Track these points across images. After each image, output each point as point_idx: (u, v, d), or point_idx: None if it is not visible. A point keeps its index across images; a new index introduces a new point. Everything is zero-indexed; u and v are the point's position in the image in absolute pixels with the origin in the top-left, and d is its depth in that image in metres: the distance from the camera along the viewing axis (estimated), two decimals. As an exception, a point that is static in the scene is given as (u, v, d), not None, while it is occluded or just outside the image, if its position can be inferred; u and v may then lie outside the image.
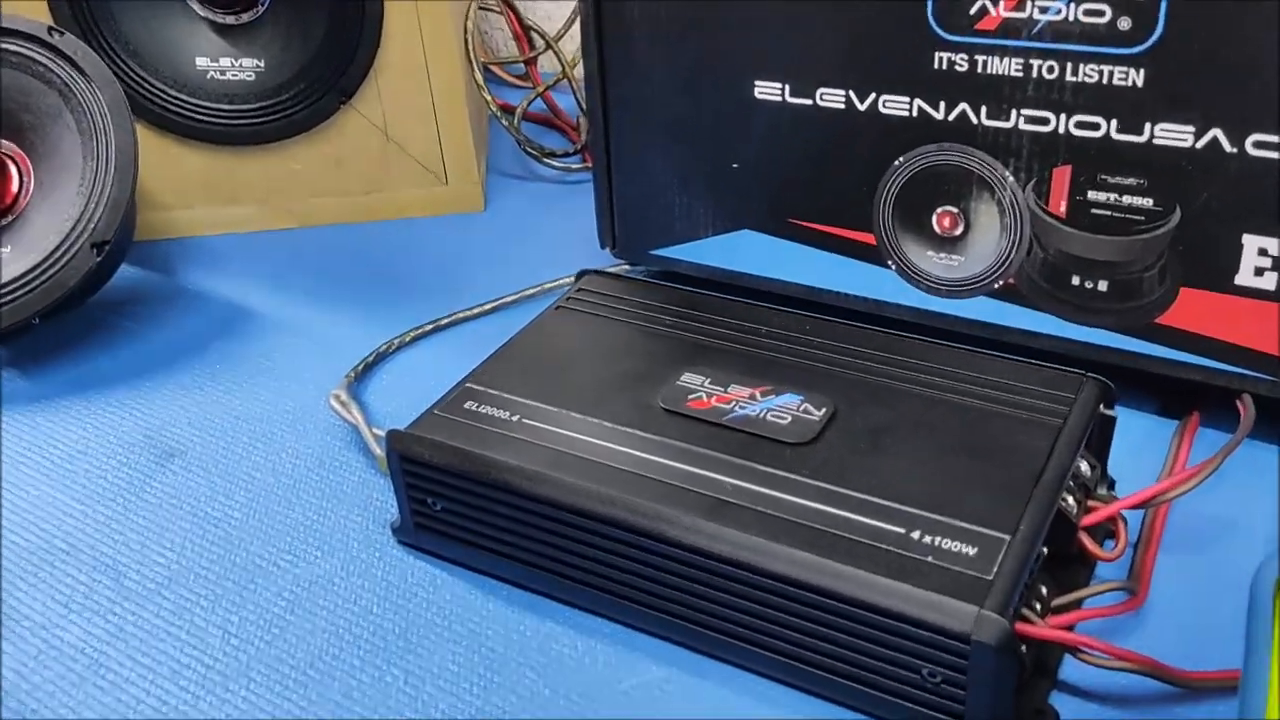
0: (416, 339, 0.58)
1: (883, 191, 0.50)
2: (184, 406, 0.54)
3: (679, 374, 0.44)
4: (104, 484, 0.49)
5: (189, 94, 0.65)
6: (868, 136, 0.50)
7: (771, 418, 0.42)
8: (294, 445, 0.51)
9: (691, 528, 0.37)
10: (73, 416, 0.54)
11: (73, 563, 0.45)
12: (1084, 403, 0.41)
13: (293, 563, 0.44)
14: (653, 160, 0.56)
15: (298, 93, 0.65)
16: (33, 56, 0.58)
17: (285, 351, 0.58)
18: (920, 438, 0.40)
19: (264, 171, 0.68)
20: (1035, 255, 0.48)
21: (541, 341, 0.48)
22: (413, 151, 0.68)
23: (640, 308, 0.49)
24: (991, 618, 0.33)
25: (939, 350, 0.45)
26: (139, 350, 0.59)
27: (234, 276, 0.65)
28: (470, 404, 0.44)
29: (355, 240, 0.68)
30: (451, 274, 0.64)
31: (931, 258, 0.50)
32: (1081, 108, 0.44)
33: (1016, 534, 0.36)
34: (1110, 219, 0.46)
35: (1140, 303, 0.46)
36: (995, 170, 0.47)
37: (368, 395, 0.54)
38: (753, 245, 0.55)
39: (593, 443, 0.41)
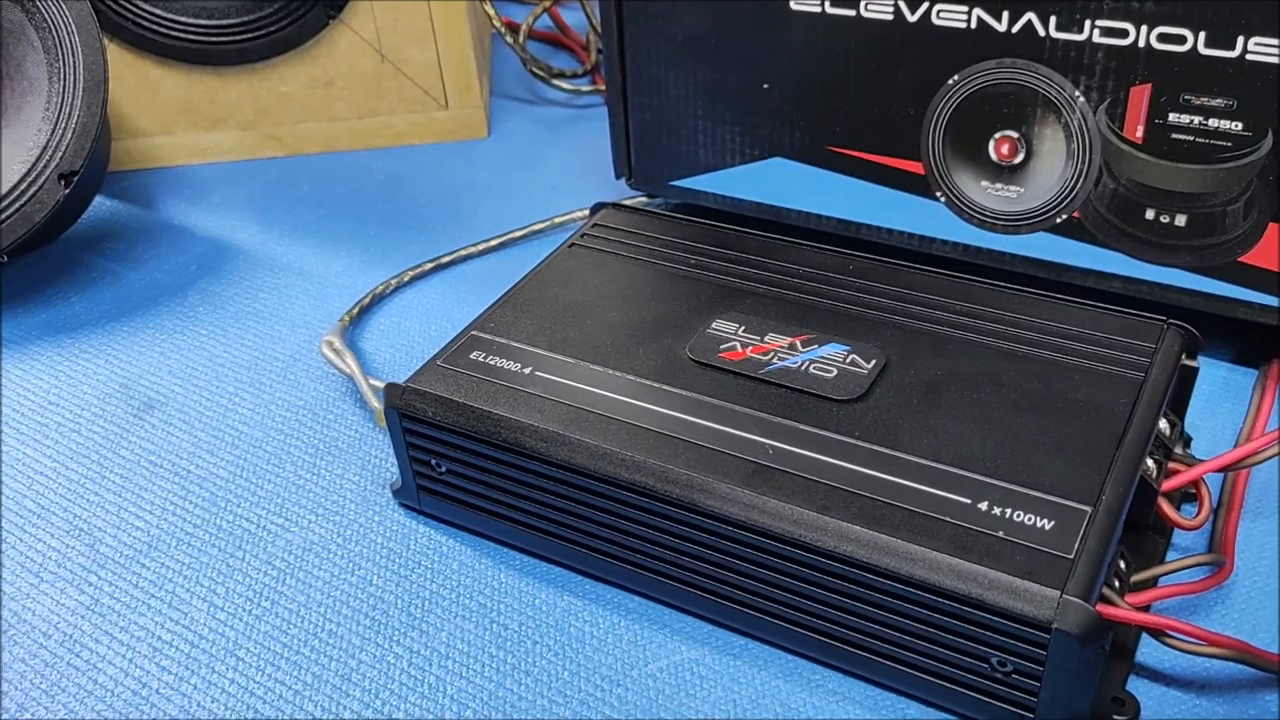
0: (416, 278, 0.53)
1: (933, 115, 0.45)
2: (164, 352, 0.50)
3: (709, 321, 0.40)
4: (77, 439, 0.45)
5: (164, 8, 0.59)
6: (918, 51, 0.44)
7: (815, 370, 0.37)
8: (284, 396, 0.47)
9: (727, 496, 0.33)
10: (43, 364, 0.50)
11: (43, 526, 0.41)
12: (1166, 353, 0.37)
13: (284, 527, 0.41)
14: (673, 80, 0.51)
15: (282, 6, 0.59)
16: (-10, -34, 0.52)
17: (274, 292, 0.53)
18: (984, 394, 0.36)
19: (248, 94, 0.62)
20: (1105, 186, 0.43)
21: (554, 284, 0.43)
22: (409, 72, 0.62)
23: (663, 245, 0.45)
24: (1075, 604, 0.29)
25: (1002, 294, 0.40)
26: (115, 291, 0.54)
27: (217, 210, 0.60)
28: (477, 354, 0.39)
29: (348, 169, 0.63)
30: (453, 206, 0.59)
31: (987, 189, 0.45)
32: (1165, 18, 0.39)
33: (1099, 505, 0.32)
34: (1193, 145, 0.41)
35: (1222, 240, 0.42)
36: (1063, 90, 0.42)
37: (364, 340, 0.50)
38: (786, 175, 0.50)
39: (614, 399, 0.37)
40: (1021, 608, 0.29)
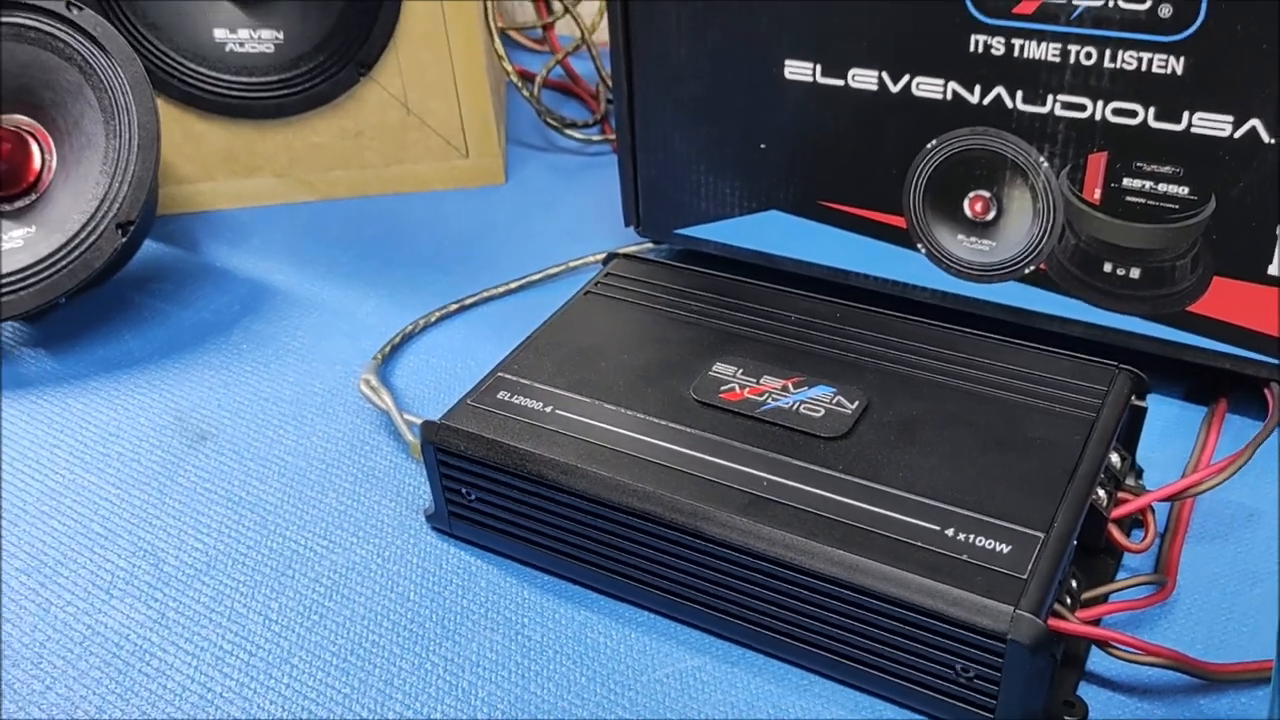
0: (442, 319, 0.58)
1: (914, 174, 0.50)
2: (213, 388, 0.55)
3: (710, 364, 0.45)
4: (137, 467, 0.50)
5: (208, 67, 0.64)
6: (900, 119, 0.49)
7: (805, 410, 0.42)
8: (324, 428, 0.51)
9: (727, 524, 0.38)
10: (103, 398, 0.54)
11: (111, 548, 0.46)
12: (1117, 395, 0.41)
13: (328, 549, 0.45)
14: (679, 139, 0.56)
15: (317, 65, 0.65)
16: (52, 32, 0.57)
17: (311, 331, 0.58)
18: (953, 431, 0.41)
19: (284, 144, 0.67)
20: (1067, 241, 0.48)
21: (572, 329, 0.48)
22: (433, 124, 0.67)
23: (669, 293, 0.49)
24: (1027, 618, 0.33)
25: (971, 340, 0.45)
26: (166, 329, 0.59)
27: (256, 252, 0.65)
28: (503, 394, 0.44)
29: (375, 213, 0.68)
30: (474, 249, 0.64)
31: (962, 242, 0.50)
32: (1119, 94, 0.44)
33: (1050, 531, 0.36)
34: (1144, 206, 0.45)
35: (1172, 291, 0.46)
36: (1029, 155, 0.47)
37: (395, 377, 0.54)
38: (780, 226, 0.55)
39: (626, 435, 0.42)
40: (981, 621, 0.34)
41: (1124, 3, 0.42)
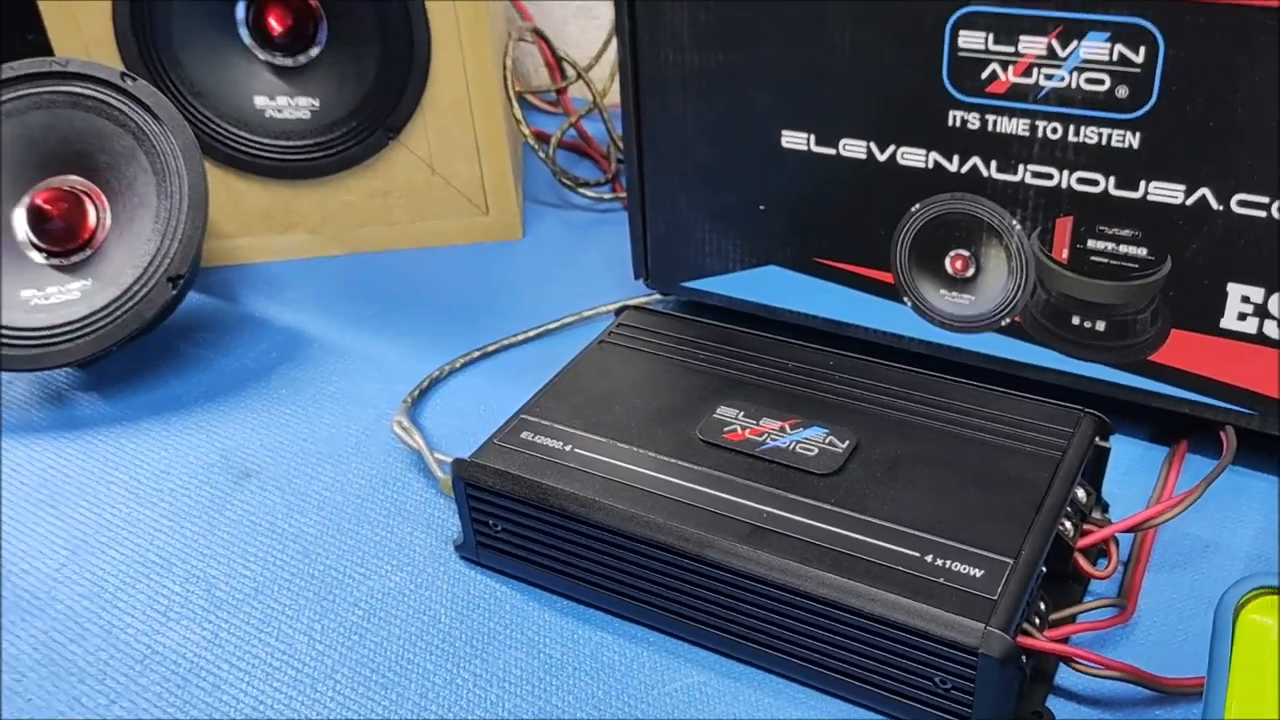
0: (466, 364, 0.63)
1: (900, 234, 0.55)
2: (255, 429, 0.59)
3: (715, 407, 0.49)
4: (189, 502, 0.54)
5: (249, 131, 0.70)
6: (886, 184, 0.54)
7: (800, 449, 0.46)
8: (359, 466, 0.56)
9: (730, 551, 0.42)
10: (153, 438, 0.59)
11: (168, 575, 0.50)
12: (1081, 436, 0.46)
13: (365, 576, 0.49)
14: (684, 200, 0.61)
15: (350, 130, 0.70)
16: (107, 101, 0.62)
17: (344, 376, 0.63)
18: (934, 468, 0.45)
19: (317, 202, 0.72)
20: (1039, 296, 0.52)
21: (588, 375, 0.52)
22: (456, 184, 0.72)
23: (677, 343, 0.54)
24: (996, 634, 0.38)
25: (951, 386, 0.49)
26: (209, 375, 0.64)
27: (292, 303, 0.70)
28: (527, 434, 0.49)
29: (402, 267, 0.73)
30: (494, 300, 0.69)
31: (944, 296, 0.55)
32: (1082, 165, 0.49)
33: (1019, 558, 0.40)
34: (1108, 265, 0.50)
35: (1134, 342, 0.51)
36: (1003, 219, 0.52)
37: (424, 419, 0.59)
38: (778, 280, 0.60)
39: (639, 471, 0.46)
40: (956, 637, 0.38)
41: (1085, 84, 0.47)
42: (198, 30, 0.67)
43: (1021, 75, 0.48)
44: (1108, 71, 0.47)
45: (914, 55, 0.50)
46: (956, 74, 0.50)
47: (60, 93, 0.62)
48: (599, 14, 0.92)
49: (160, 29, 0.66)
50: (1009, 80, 0.49)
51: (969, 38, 0.49)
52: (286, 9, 0.67)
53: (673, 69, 0.57)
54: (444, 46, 0.67)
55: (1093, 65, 0.47)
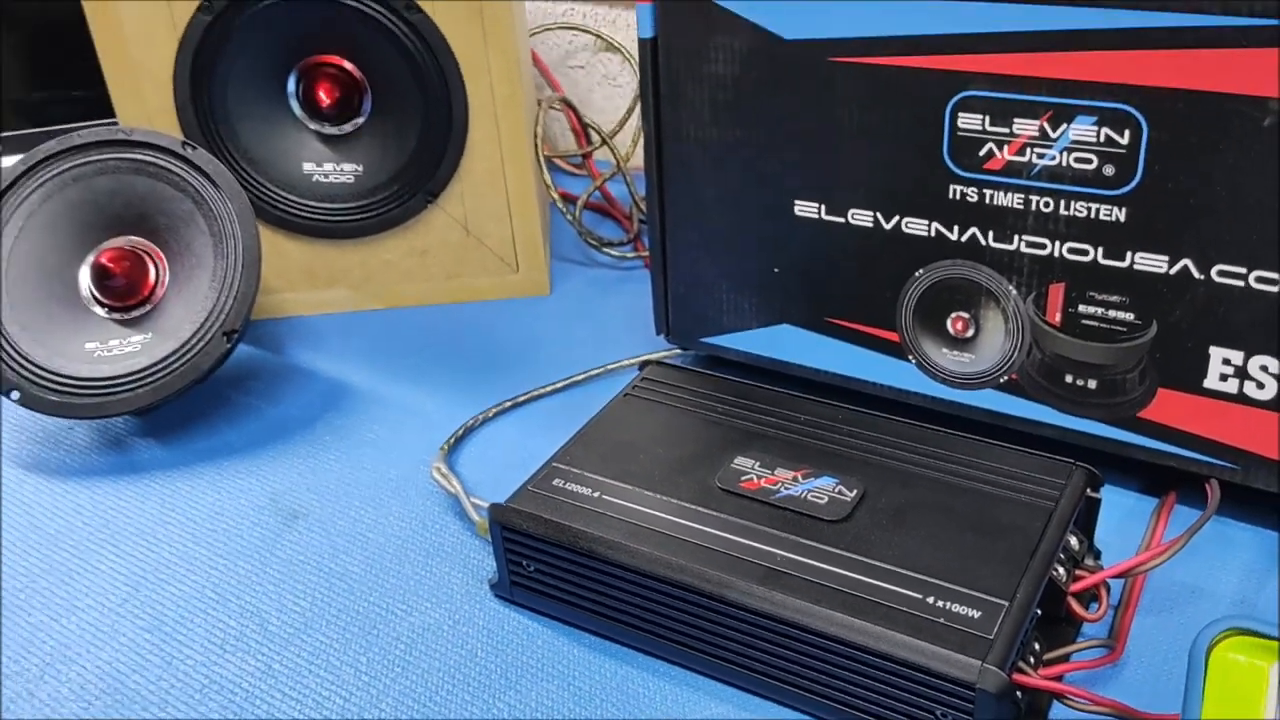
0: (498, 414, 0.67)
1: (904, 297, 0.59)
2: (301, 474, 0.63)
3: (732, 458, 0.53)
4: (241, 542, 0.58)
5: (297, 195, 0.74)
6: (892, 251, 0.58)
7: (811, 498, 0.50)
8: (399, 509, 0.60)
9: (747, 592, 0.45)
10: (207, 482, 0.63)
11: (223, 609, 0.54)
12: (1073, 488, 0.49)
13: (407, 612, 0.53)
14: (704, 262, 0.65)
15: (391, 194, 0.74)
16: (169, 168, 0.67)
17: (384, 424, 0.67)
18: (935, 516, 0.49)
19: (359, 260, 0.77)
20: (1035, 356, 0.56)
21: (614, 426, 0.56)
22: (489, 244, 0.77)
23: (697, 396, 0.58)
24: (992, 670, 0.41)
25: (952, 439, 0.53)
26: (258, 422, 0.68)
27: (334, 355, 0.74)
28: (558, 481, 0.52)
29: (437, 321, 0.77)
30: (524, 353, 0.73)
31: (946, 355, 0.59)
32: (1073, 237, 0.53)
33: (1014, 600, 0.44)
34: (1098, 328, 0.54)
35: (1124, 399, 0.55)
36: (1001, 284, 0.56)
37: (459, 465, 0.63)
38: (791, 338, 0.64)
39: (663, 517, 0.50)
40: (955, 673, 0.41)
41: (1074, 163, 0.51)
42: (252, 102, 0.72)
43: (1016, 154, 0.53)
44: (1095, 152, 0.51)
45: (917, 134, 0.55)
46: (956, 152, 0.54)
47: (125, 159, 0.67)
48: (622, 83, 0.98)
49: (218, 101, 0.72)
50: (1004, 158, 0.53)
51: (968, 119, 0.53)
52: (334, 83, 0.72)
53: (693, 143, 0.62)
54: (480, 117, 0.72)
55: (1081, 146, 0.51)
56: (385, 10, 0.69)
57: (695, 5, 0.58)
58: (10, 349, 0.64)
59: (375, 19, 0.69)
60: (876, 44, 0.54)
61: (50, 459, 0.66)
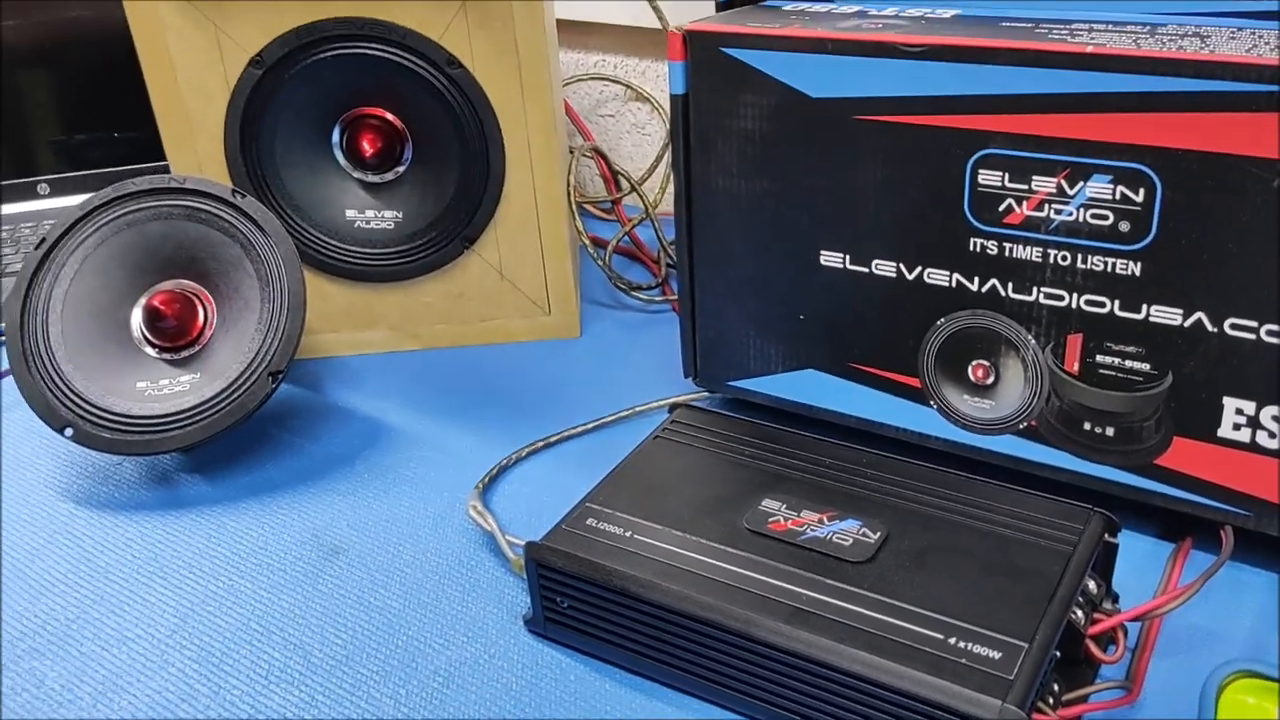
0: (531, 454, 0.69)
1: (926, 344, 0.61)
2: (342, 510, 0.65)
3: (760, 499, 0.55)
4: (284, 576, 0.60)
5: (339, 240, 0.77)
6: (914, 300, 0.60)
7: (836, 539, 0.52)
8: (436, 545, 0.62)
9: (774, 630, 0.47)
10: (251, 517, 0.65)
11: (268, 642, 0.56)
12: (1091, 533, 0.51)
13: (444, 646, 0.55)
14: (731, 308, 0.67)
15: (429, 240, 0.77)
16: (218, 214, 0.70)
17: (421, 462, 0.69)
18: (956, 559, 0.50)
19: (397, 303, 0.80)
20: (1053, 403, 0.58)
21: (645, 467, 0.58)
22: (522, 287, 0.79)
23: (725, 439, 0.60)
24: (1012, 710, 0.43)
25: (972, 484, 0.55)
26: (299, 460, 0.70)
27: (372, 394, 0.77)
28: (591, 520, 0.54)
29: (472, 362, 0.80)
30: (556, 394, 0.76)
31: (967, 401, 0.61)
32: (1090, 289, 0.55)
33: (1033, 642, 0.45)
34: (1115, 378, 0.56)
35: (1140, 447, 0.56)
36: (1020, 333, 0.57)
37: (494, 502, 0.65)
38: (816, 382, 0.66)
39: (692, 557, 0.52)
40: (976, 712, 0.43)
41: (1091, 219, 0.53)
42: (298, 151, 0.75)
43: (1034, 209, 0.55)
44: (1111, 208, 0.53)
45: (939, 189, 0.57)
46: (976, 206, 0.56)
47: (178, 206, 0.70)
48: (651, 131, 1.01)
49: (265, 151, 0.75)
50: (1023, 213, 0.55)
51: (987, 176, 0.55)
52: (377, 134, 0.75)
53: (722, 194, 0.64)
54: (517, 167, 0.75)
55: (1097, 203, 0.53)
56: (428, 66, 0.72)
57: (725, 64, 0.61)
58: (65, 387, 0.67)
59: (418, 74, 0.72)
60: (900, 103, 0.57)
61: (100, 493, 0.68)
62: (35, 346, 0.68)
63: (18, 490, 0.69)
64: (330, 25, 0.71)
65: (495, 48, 0.72)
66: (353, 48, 0.72)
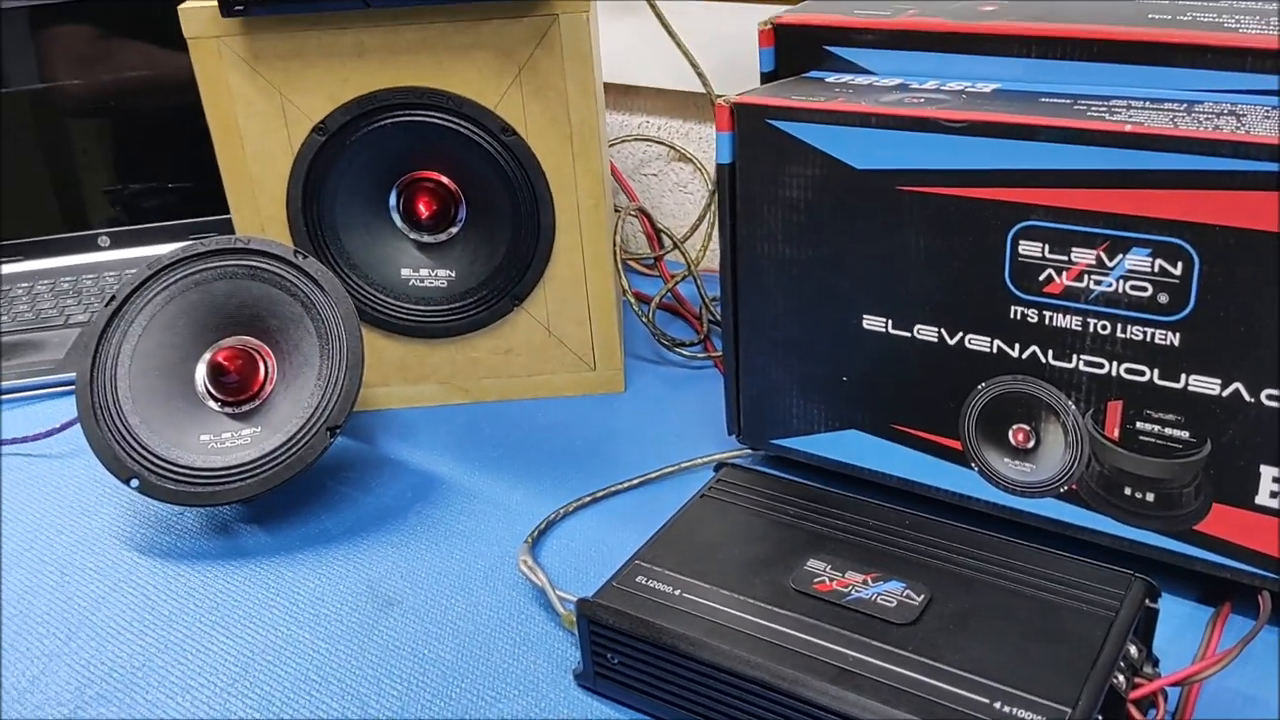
0: (578, 508, 0.71)
1: (967, 408, 0.62)
2: (395, 562, 0.67)
3: (805, 560, 0.56)
4: (341, 627, 0.62)
5: (393, 297, 0.80)
6: (955, 365, 0.62)
7: (881, 601, 0.53)
8: (487, 599, 0.64)
9: (821, 690, 0.49)
10: (308, 568, 0.67)
11: (325, 692, 0.58)
12: (1132, 599, 0.52)
13: (496, 698, 0.56)
14: (775, 369, 0.69)
15: (480, 298, 0.80)
16: (281, 274, 0.73)
17: (471, 515, 0.71)
18: (999, 622, 0.51)
19: (448, 358, 0.82)
20: (1094, 468, 0.59)
21: (692, 526, 0.60)
22: (569, 344, 0.82)
23: (770, 499, 0.62)
24: (1056, 774, 0.44)
25: (1015, 547, 0.56)
26: (354, 511, 0.72)
27: (423, 446, 0.79)
28: (641, 578, 0.56)
29: (519, 416, 0.82)
30: (601, 448, 0.77)
31: (1008, 464, 0.62)
32: (1129, 358, 0.56)
33: (1076, 707, 0.46)
34: (1155, 445, 0.57)
35: (1180, 512, 0.57)
36: (1060, 399, 0.59)
37: (542, 557, 0.67)
38: (858, 443, 0.67)
39: (739, 616, 0.53)
40: (1020, 776, 0.44)
41: (1130, 290, 0.55)
42: (357, 213, 0.78)
43: (1074, 280, 0.56)
44: (1150, 281, 0.54)
45: (980, 259, 0.59)
46: (1017, 276, 0.58)
47: (242, 265, 0.73)
48: (693, 190, 1.03)
49: (326, 212, 0.78)
50: (1063, 283, 0.57)
51: (1028, 246, 0.57)
52: (432, 196, 0.78)
53: (767, 259, 0.66)
54: (566, 229, 0.78)
55: (1137, 275, 0.54)
56: (483, 132, 0.75)
57: (771, 135, 0.63)
58: (132, 439, 0.70)
59: (474, 140, 0.75)
60: (942, 176, 0.58)
61: (162, 542, 0.71)
62: (104, 400, 0.70)
63: (81, 538, 0.72)
64: (391, 94, 0.74)
65: (548, 115, 0.74)
66: (412, 115, 0.75)
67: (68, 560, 0.70)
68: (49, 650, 0.62)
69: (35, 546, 0.71)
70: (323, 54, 0.73)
